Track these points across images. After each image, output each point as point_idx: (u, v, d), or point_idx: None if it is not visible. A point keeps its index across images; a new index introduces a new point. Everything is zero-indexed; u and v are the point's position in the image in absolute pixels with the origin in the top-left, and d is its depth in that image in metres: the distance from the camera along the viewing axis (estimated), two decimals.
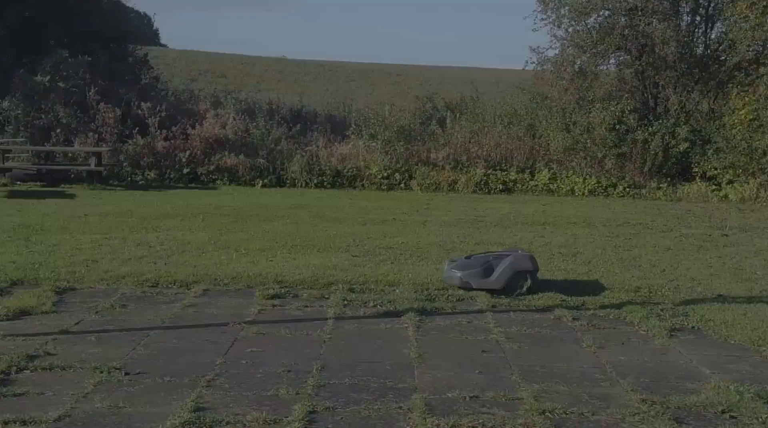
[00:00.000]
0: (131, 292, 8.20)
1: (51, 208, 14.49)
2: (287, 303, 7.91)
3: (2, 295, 7.86)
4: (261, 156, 19.52)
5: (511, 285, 8.38)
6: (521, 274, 8.43)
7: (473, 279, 8.39)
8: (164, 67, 55.55)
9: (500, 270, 8.39)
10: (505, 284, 8.36)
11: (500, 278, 8.36)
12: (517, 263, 8.44)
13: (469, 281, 8.40)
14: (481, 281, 8.38)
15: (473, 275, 8.39)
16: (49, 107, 20.48)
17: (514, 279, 8.39)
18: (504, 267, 8.40)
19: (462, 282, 8.42)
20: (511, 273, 8.39)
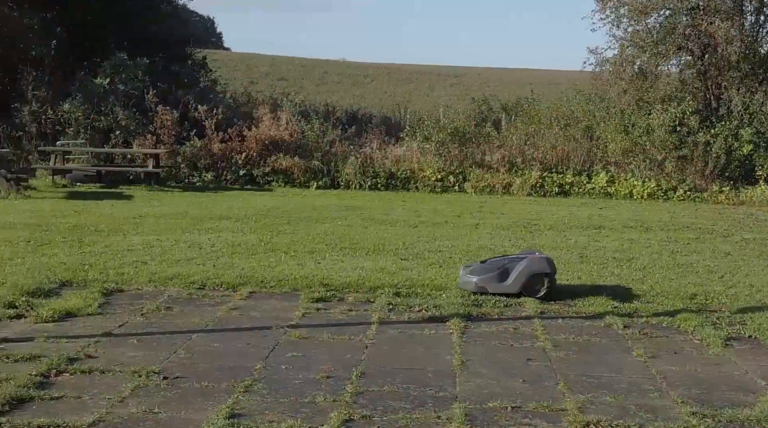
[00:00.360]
0: (178, 294, 8.20)
1: (108, 209, 14.65)
2: (332, 307, 7.83)
3: (50, 296, 7.92)
4: (316, 158, 19.54)
5: (528, 289, 8.20)
6: (537, 277, 8.23)
7: (489, 284, 8.23)
8: (226, 69, 56.12)
9: (516, 274, 8.21)
10: (521, 288, 8.19)
11: (516, 282, 8.19)
12: (533, 266, 8.24)
13: (484, 286, 8.24)
14: (497, 285, 8.21)
15: (489, 280, 8.23)
16: (108, 109, 20.75)
17: (531, 283, 8.21)
18: (519, 271, 8.21)
19: (477, 287, 8.25)
20: (526, 277, 8.20)
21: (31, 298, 7.70)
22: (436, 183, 19.00)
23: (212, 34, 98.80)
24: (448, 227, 13.29)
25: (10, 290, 7.84)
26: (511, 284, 8.19)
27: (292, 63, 62.91)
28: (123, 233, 11.81)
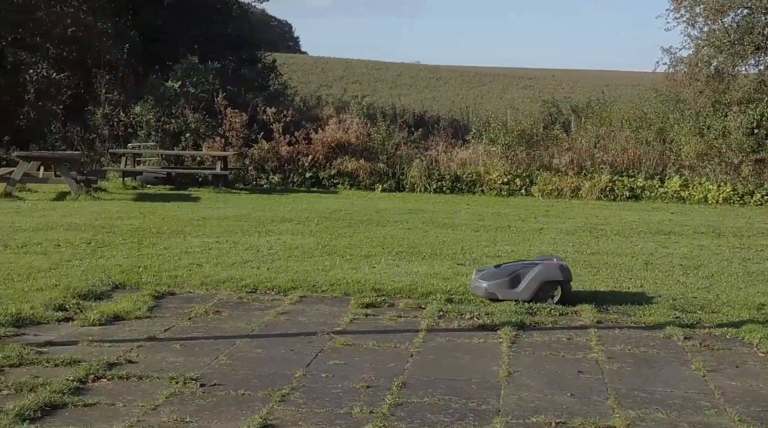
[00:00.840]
0: (228, 298, 8.15)
1: (173, 211, 14.75)
2: (381, 313, 7.68)
3: (101, 299, 7.93)
4: (381, 161, 19.45)
5: (540, 297, 7.94)
6: (550, 284, 7.96)
7: (499, 290, 7.97)
8: (301, 73, 56.72)
9: (527, 280, 7.94)
10: (532, 295, 7.93)
11: (527, 289, 7.93)
12: (546, 273, 7.95)
13: (495, 292, 7.98)
14: (508, 291, 7.95)
15: (499, 286, 7.97)
16: (179, 111, 21.00)
17: (543, 290, 7.95)
18: (531, 277, 7.94)
19: (487, 293, 8.01)
20: (539, 283, 7.93)
21: (81, 301, 7.73)
22: (502, 186, 18.72)
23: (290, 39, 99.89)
24: (511, 231, 13.03)
25: (62, 292, 7.88)
26: (522, 291, 7.94)
27: (366, 66, 63.10)
28: (183, 236, 11.85)
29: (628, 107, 21.65)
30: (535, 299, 7.92)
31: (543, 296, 7.95)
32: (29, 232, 11.77)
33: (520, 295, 7.92)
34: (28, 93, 22.00)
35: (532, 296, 7.92)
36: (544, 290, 7.95)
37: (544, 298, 7.95)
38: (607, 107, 22.24)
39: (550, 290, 7.97)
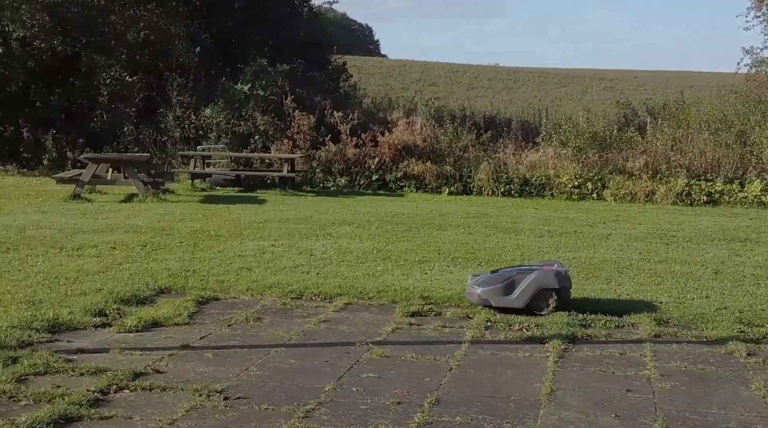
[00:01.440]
0: (272, 304, 7.96)
1: (236, 213, 14.69)
2: (426, 322, 7.40)
3: (144, 304, 7.83)
4: (448, 163, 19.13)
5: (535, 304, 7.60)
6: (546, 292, 7.61)
7: (493, 297, 7.63)
8: (379, 76, 56.80)
9: (522, 287, 7.58)
10: (526, 302, 7.58)
11: (522, 296, 7.58)
12: (542, 280, 7.60)
13: (488, 299, 7.65)
14: (502, 299, 7.61)
15: (493, 293, 7.63)
16: (248, 114, 21.02)
17: (538, 298, 7.60)
18: (526, 284, 7.58)
19: (480, 300, 7.69)
20: (534, 291, 7.58)
21: (123, 306, 7.63)
22: (572, 190, 18.22)
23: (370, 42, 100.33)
24: (576, 237, 12.60)
25: (105, 297, 7.80)
26: (516, 299, 7.59)
27: (443, 69, 62.79)
28: (240, 238, 11.74)
29: (707, 108, 20.88)
30: (530, 307, 7.60)
31: (538, 304, 7.63)
32: (88, 234, 11.80)
33: (514, 302, 7.60)
34: (102, 96, 22.29)
35: (527, 303, 7.59)
36: (540, 298, 7.62)
37: (539, 306, 7.62)
38: (685, 109, 21.48)
39: (546, 297, 7.63)
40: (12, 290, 7.93)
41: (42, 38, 22.32)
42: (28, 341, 6.33)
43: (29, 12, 21.84)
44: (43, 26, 22.06)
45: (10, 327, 6.53)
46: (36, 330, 6.58)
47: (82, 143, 22.16)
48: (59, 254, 10.15)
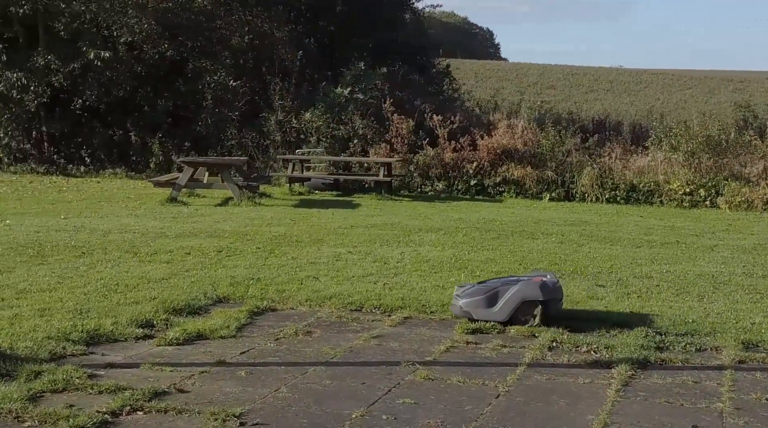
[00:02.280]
0: (328, 316, 7.57)
1: (325, 218, 14.42)
2: (486, 341, 6.85)
3: (197, 314, 7.55)
4: (550, 168, 18.39)
5: (518, 317, 7.16)
6: (530, 304, 7.13)
7: (475, 309, 7.22)
8: (496, 79, 56.14)
9: (505, 299, 7.13)
10: (509, 315, 7.15)
11: (504, 309, 7.15)
12: (525, 292, 7.14)
13: (470, 311, 7.24)
14: (484, 311, 7.20)
15: (475, 304, 7.21)
16: (347, 117, 20.79)
17: (522, 310, 7.16)
18: (509, 296, 7.13)
19: (462, 312, 7.28)
20: (516, 303, 7.13)
21: (173, 316, 7.36)
22: (683, 197, 17.21)
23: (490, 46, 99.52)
24: (677, 248, 11.76)
25: (157, 306, 7.55)
26: (497, 311, 7.17)
27: (561, 71, 61.51)
28: (319, 245, 11.43)
29: None
30: (513, 320, 7.17)
31: (521, 317, 7.18)
32: (170, 239, 11.70)
33: (495, 315, 7.18)
34: (206, 100, 22.45)
35: (509, 316, 7.16)
36: (523, 311, 7.17)
37: (523, 319, 7.18)
38: None
39: (530, 310, 7.17)
40: (65, 297, 7.78)
41: (150, 43, 22.67)
42: (61, 353, 6.10)
43: (137, 18, 22.20)
44: (151, 32, 22.38)
45: (47, 338, 6.32)
46: (72, 342, 6.35)
47: (187, 146, 22.36)
48: (131, 259, 10.03)
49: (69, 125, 23.22)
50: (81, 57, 21.97)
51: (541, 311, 7.16)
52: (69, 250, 10.48)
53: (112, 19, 22.22)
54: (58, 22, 22.26)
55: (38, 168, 22.50)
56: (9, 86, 22.09)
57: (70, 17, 22.22)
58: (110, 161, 22.80)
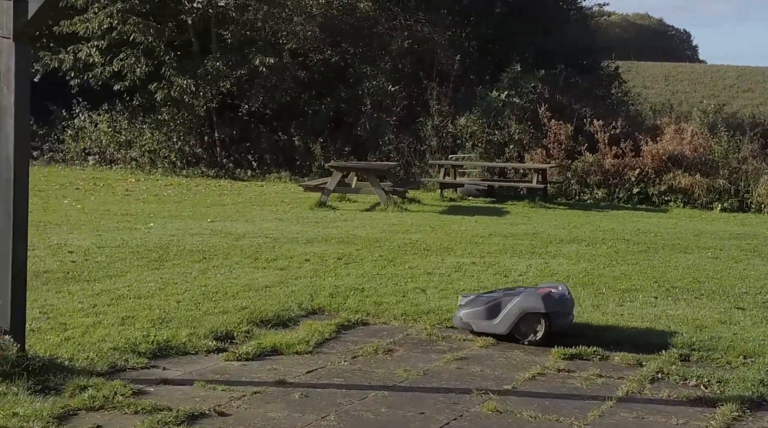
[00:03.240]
0: (418, 333, 7.04)
1: (466, 226, 13.89)
2: (582, 368, 6.13)
3: (285, 326, 7.19)
4: (722, 176, 17.02)
5: (520, 331, 6.67)
6: (532, 317, 6.61)
7: (475, 320, 6.79)
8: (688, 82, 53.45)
9: (505, 311, 6.64)
10: (509, 328, 6.66)
11: (504, 322, 6.67)
12: (527, 303, 6.63)
13: (469, 323, 6.82)
14: (483, 323, 6.75)
15: (475, 315, 6.79)
16: (503, 122, 20.13)
17: (524, 323, 6.65)
18: (510, 307, 6.63)
19: (462, 324, 6.88)
20: (517, 315, 6.63)
21: (257, 328, 7.03)
22: None
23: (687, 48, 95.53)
24: None
25: (244, 316, 7.24)
26: (498, 324, 6.70)
27: (762, 74, 57.83)
28: (446, 254, 10.92)
29: None
30: (515, 334, 6.69)
31: (524, 331, 6.68)
32: (298, 244, 11.50)
33: (495, 328, 6.71)
34: (365, 105, 22.36)
35: (510, 329, 6.68)
36: (525, 324, 6.66)
37: (525, 333, 6.67)
38: None
39: (533, 323, 6.64)
40: (156, 305, 7.62)
41: (314, 50, 22.84)
42: (121, 366, 5.86)
43: (302, 25, 22.41)
44: (314, 38, 22.54)
45: (112, 349, 6.12)
46: (138, 354, 6.11)
47: (347, 150, 22.37)
48: (247, 265, 9.84)
49: (237, 129, 23.76)
50: (248, 64, 22.41)
51: (546, 325, 6.60)
52: (191, 255, 10.43)
53: (278, 27, 22.52)
54: (227, 30, 22.80)
55: (208, 172, 23.12)
56: (181, 92, 22.81)
57: (240, 25, 22.72)
58: (276, 165, 23.14)
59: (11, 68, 5.37)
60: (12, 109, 5.38)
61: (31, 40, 5.49)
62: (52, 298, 7.74)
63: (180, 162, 23.76)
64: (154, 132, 23.86)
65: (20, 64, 5.38)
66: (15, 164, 5.41)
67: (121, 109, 24.58)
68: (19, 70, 5.38)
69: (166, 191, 19.11)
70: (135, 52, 22.76)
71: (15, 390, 5.10)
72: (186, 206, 16.55)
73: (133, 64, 22.77)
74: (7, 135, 5.40)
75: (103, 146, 24.80)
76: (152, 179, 22.16)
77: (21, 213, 5.47)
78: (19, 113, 5.40)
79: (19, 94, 5.38)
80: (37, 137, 25.87)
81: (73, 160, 24.88)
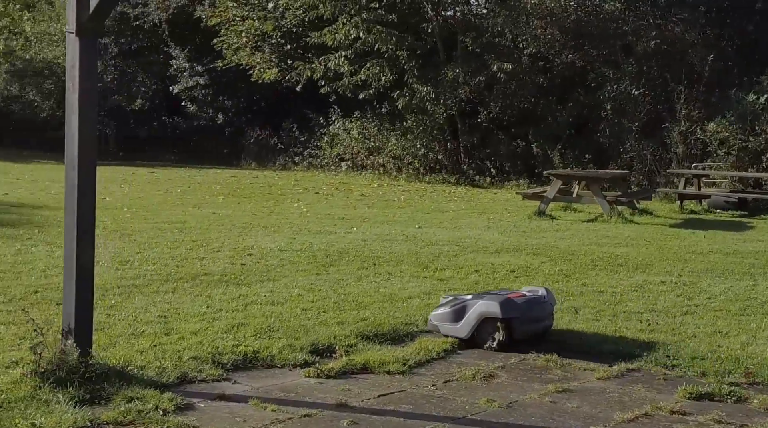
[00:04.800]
0: (535, 359, 6.20)
1: (688, 242, 12.60)
2: (705, 410, 5.08)
3: (397, 342, 6.61)
4: None
5: (480, 336, 6.47)
6: (491, 322, 6.39)
7: (442, 323, 6.65)
8: None
9: (467, 315, 6.48)
10: (470, 333, 6.49)
11: (466, 325, 6.50)
12: (485, 307, 6.44)
13: (437, 325, 6.68)
14: (448, 326, 6.60)
15: (442, 318, 6.65)
16: (761, 128, 18.20)
17: (483, 328, 6.45)
18: (470, 312, 6.48)
19: (431, 326, 6.75)
20: (477, 320, 6.45)
21: (364, 342, 6.50)
22: None
23: None
24: None
25: (357, 329, 6.74)
26: (460, 328, 6.53)
27: None
28: (637, 271, 9.89)
29: None
30: (476, 338, 6.48)
31: (484, 336, 6.47)
32: (483, 254, 10.86)
33: (458, 332, 6.54)
34: (605, 110, 21.10)
35: (470, 334, 6.49)
36: (484, 329, 6.45)
37: (484, 339, 6.46)
38: None
39: (491, 329, 6.41)
40: (278, 312, 7.28)
41: (554, 53, 21.96)
42: (191, 377, 5.55)
43: (542, 28, 21.62)
44: (554, 41, 21.67)
45: (193, 358, 5.83)
46: (217, 365, 5.77)
47: (587, 158, 21.26)
48: (409, 274, 9.35)
49: (478, 136, 23.41)
50: (486, 70, 21.97)
51: (505, 331, 6.33)
52: (362, 261, 10.09)
53: (519, 31, 21.89)
54: (468, 37, 22.50)
55: (450, 178, 22.97)
56: (422, 99, 22.83)
57: (482, 31, 22.35)
58: (515, 172, 22.54)
59: (76, 65, 5.26)
60: (76, 106, 5.27)
61: (95, 36, 5.35)
62: (184, 302, 7.65)
63: (423, 168, 23.79)
64: (399, 139, 24.09)
65: (84, 60, 5.26)
66: (79, 164, 5.29)
67: (371, 116, 25.06)
68: (84, 67, 5.26)
69: (398, 197, 19.08)
70: (379, 61, 23.04)
71: (58, 398, 4.91)
72: (407, 211, 16.38)
73: (377, 73, 23.06)
74: (73, 135, 5.30)
75: (354, 152, 25.43)
76: (394, 184, 22.34)
77: (84, 214, 5.34)
78: (84, 111, 5.28)
79: (83, 92, 5.26)
80: (299, 143, 27.13)
81: (329, 165, 25.71)
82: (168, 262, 9.54)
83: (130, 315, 6.99)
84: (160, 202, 16.38)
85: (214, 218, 13.85)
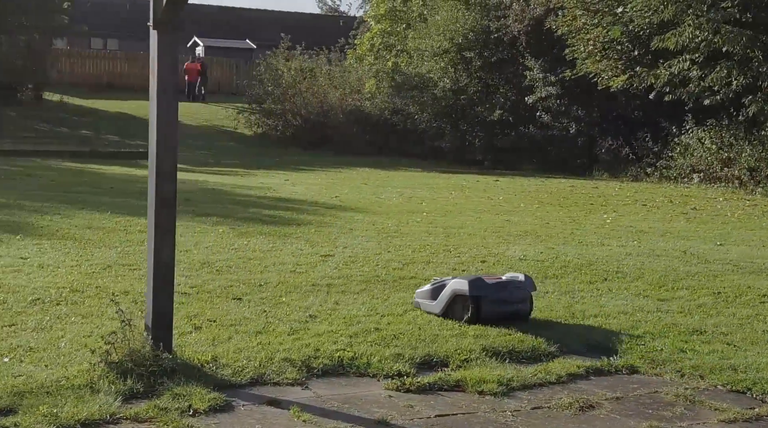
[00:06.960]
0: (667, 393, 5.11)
1: None
2: None
3: (533, 361, 5.77)
4: None
5: (452, 313, 6.65)
6: (461, 299, 6.58)
7: (422, 300, 6.95)
8: None
9: (443, 293, 6.75)
10: (443, 310, 6.72)
11: (440, 302, 6.76)
12: (456, 285, 6.67)
13: (419, 302, 6.98)
14: (427, 303, 6.89)
15: (423, 296, 6.95)
16: None
17: (454, 305, 6.66)
18: (446, 289, 6.74)
19: (415, 303, 7.06)
20: (449, 297, 6.68)
21: (490, 358, 5.75)
22: None
23: None
24: None
25: (492, 343, 6.05)
26: (435, 305, 6.82)
27: None
28: None
29: None
30: (448, 315, 6.71)
31: (455, 313, 6.68)
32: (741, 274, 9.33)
33: (434, 308, 6.86)
34: None
35: (443, 311, 6.77)
36: (455, 305, 6.69)
37: (458, 315, 6.65)
38: None
39: (462, 306, 6.62)
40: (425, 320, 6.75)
41: None
42: (266, 380, 5.27)
43: None
44: None
45: (283, 360, 5.51)
46: (301, 368, 5.42)
47: None
48: (633, 290, 8.22)
49: None
50: None
51: (472, 308, 6.54)
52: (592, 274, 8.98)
53: None
54: None
55: None
56: None
57: None
58: None
59: (154, 57, 5.28)
60: (155, 98, 5.28)
61: (174, 29, 5.30)
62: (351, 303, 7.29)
63: None
64: (754, 149, 21.86)
65: (161, 52, 5.26)
66: (157, 157, 5.30)
67: (727, 124, 23.07)
68: (161, 59, 5.26)
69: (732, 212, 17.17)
70: (729, 63, 21.07)
71: (109, 389, 4.89)
72: (726, 228, 14.61)
73: (724, 77, 21.10)
74: (152, 128, 5.33)
75: (706, 163, 23.58)
76: (746, 199, 20.09)
77: (163, 211, 5.32)
78: (162, 104, 5.28)
79: (160, 84, 5.27)
80: (651, 154, 25.75)
81: (681, 177, 24.12)
82: (388, 264, 9.21)
83: (284, 315, 6.81)
84: (462, 208, 16.01)
85: (497, 225, 13.26)
